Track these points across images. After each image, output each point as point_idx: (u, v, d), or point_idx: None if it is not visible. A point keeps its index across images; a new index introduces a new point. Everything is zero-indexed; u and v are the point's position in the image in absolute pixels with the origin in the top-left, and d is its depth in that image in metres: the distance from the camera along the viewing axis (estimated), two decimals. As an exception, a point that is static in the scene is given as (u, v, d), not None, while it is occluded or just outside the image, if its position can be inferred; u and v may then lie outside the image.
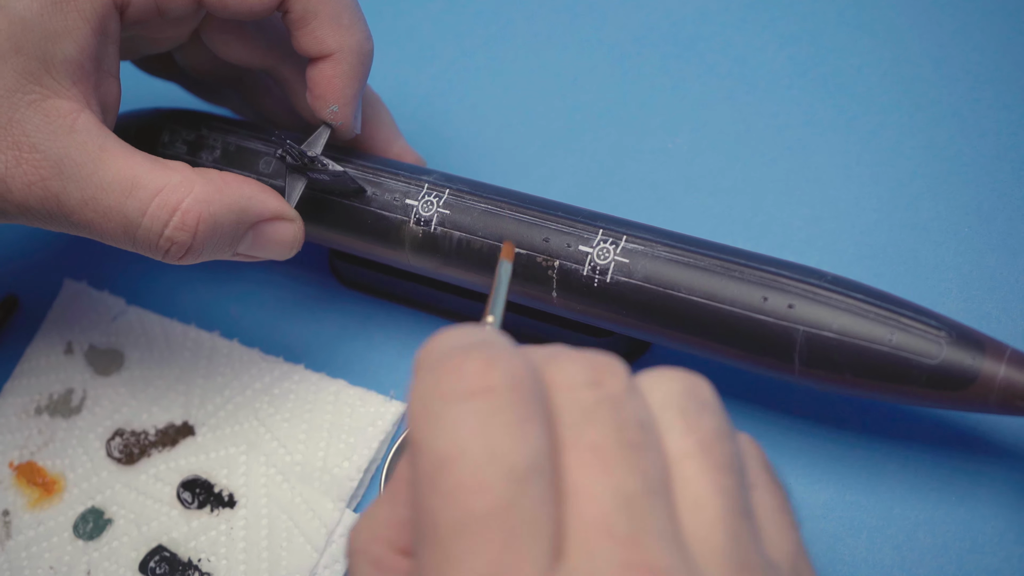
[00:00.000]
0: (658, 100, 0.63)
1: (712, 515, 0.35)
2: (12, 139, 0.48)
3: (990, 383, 0.45)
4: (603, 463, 0.34)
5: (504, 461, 0.33)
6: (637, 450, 0.35)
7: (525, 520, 0.33)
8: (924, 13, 0.62)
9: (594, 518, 0.33)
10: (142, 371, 0.59)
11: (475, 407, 0.34)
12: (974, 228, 0.56)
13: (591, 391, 0.36)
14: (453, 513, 0.33)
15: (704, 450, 0.36)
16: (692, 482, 0.35)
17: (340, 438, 0.55)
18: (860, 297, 0.47)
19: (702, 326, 0.48)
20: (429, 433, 0.34)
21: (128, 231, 0.49)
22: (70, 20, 0.49)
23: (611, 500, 0.34)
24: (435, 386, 0.35)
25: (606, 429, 0.35)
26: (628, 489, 0.34)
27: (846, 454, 0.52)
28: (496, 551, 0.33)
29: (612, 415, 0.35)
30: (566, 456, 0.35)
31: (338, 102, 0.53)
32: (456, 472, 0.33)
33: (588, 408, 0.35)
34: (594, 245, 0.50)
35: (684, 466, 0.36)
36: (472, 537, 0.33)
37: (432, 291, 0.57)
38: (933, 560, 0.49)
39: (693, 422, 0.36)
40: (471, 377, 0.34)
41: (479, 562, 0.33)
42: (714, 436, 0.36)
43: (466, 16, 0.67)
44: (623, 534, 0.33)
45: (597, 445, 0.34)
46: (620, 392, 0.36)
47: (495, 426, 0.34)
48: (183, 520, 0.55)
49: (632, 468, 0.34)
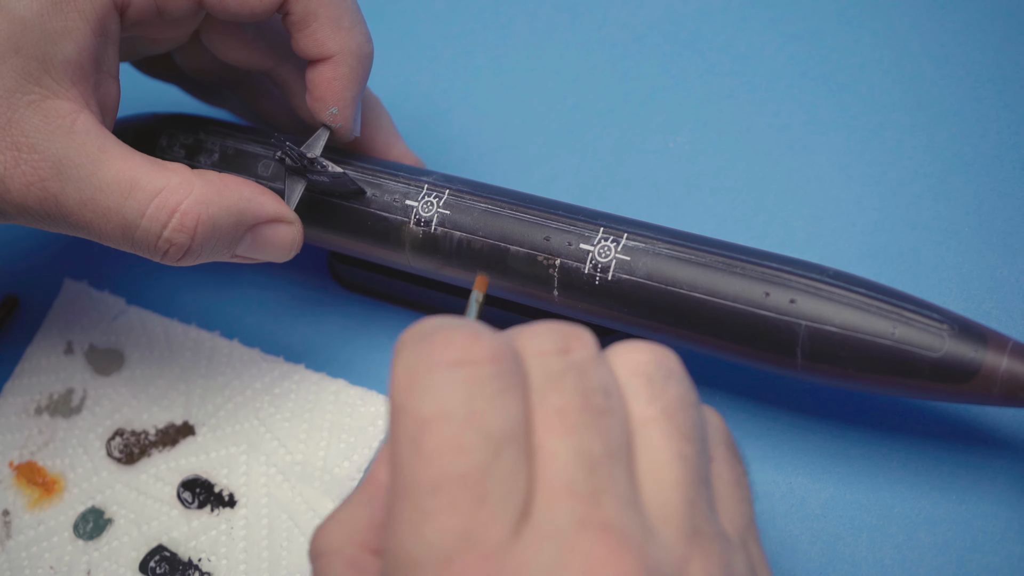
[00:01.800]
0: (659, 99, 0.63)
1: (671, 480, 0.37)
2: (11, 139, 0.48)
3: (993, 375, 0.45)
4: (567, 425, 0.36)
5: (483, 427, 0.35)
6: (600, 414, 0.36)
7: (498, 483, 0.35)
8: (925, 13, 0.62)
9: (556, 477, 0.35)
10: (142, 371, 0.59)
11: (461, 374, 0.36)
12: (975, 227, 0.56)
13: (559, 358, 0.37)
14: (430, 472, 0.35)
15: (668, 417, 0.38)
16: (653, 448, 0.37)
17: (340, 438, 0.55)
18: (862, 291, 0.47)
19: (704, 323, 0.48)
20: (413, 397, 0.36)
21: (127, 232, 0.49)
22: (70, 20, 0.49)
23: (573, 460, 0.35)
24: (424, 355, 0.36)
25: (571, 394, 0.36)
26: (590, 450, 0.36)
27: (847, 452, 0.52)
28: (468, 510, 0.34)
29: (577, 380, 0.37)
30: (534, 419, 0.36)
31: (338, 104, 0.53)
32: (437, 433, 0.35)
33: (555, 373, 0.37)
34: (595, 243, 0.50)
35: (647, 431, 0.37)
36: (447, 496, 0.34)
37: (431, 292, 0.57)
38: (934, 559, 0.49)
39: (658, 390, 0.38)
40: (458, 348, 0.36)
41: (452, 520, 0.34)
42: (678, 404, 0.38)
43: (466, 16, 0.67)
44: (583, 493, 0.35)
45: (562, 408, 0.36)
46: (587, 359, 0.38)
47: (478, 394, 0.35)
48: (183, 520, 0.55)
49: (595, 431, 0.36)
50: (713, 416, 0.41)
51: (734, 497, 0.39)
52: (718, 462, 0.40)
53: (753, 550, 0.39)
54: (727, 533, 0.38)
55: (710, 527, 0.37)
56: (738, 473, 0.40)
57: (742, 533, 0.39)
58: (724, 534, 0.37)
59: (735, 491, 0.40)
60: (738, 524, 0.39)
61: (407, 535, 0.35)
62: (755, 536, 0.40)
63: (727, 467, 0.40)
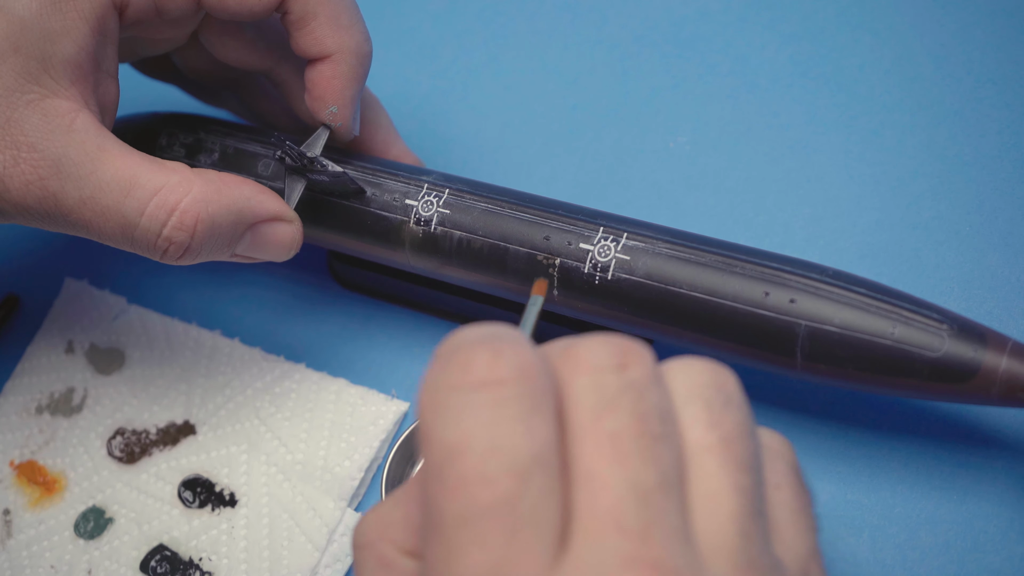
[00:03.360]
0: (659, 99, 0.63)
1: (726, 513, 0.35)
2: (10, 138, 0.48)
3: (992, 375, 0.45)
4: (619, 453, 0.34)
5: (508, 454, 0.34)
6: (656, 441, 0.35)
7: (529, 513, 0.33)
8: (925, 12, 0.62)
9: (604, 509, 0.33)
10: (143, 370, 0.59)
11: (481, 399, 0.34)
12: (975, 227, 0.56)
13: (615, 376, 0.35)
14: (457, 505, 0.33)
15: (725, 446, 0.36)
16: (709, 478, 0.35)
17: (341, 437, 0.55)
18: (862, 291, 0.47)
19: (704, 322, 0.48)
20: (436, 423, 0.35)
21: (126, 231, 0.49)
22: (69, 20, 0.49)
23: (624, 492, 0.34)
24: (444, 377, 0.35)
25: (626, 418, 0.35)
26: (643, 482, 0.34)
27: (847, 452, 0.52)
28: (499, 544, 0.33)
29: (634, 403, 0.35)
30: (583, 442, 0.34)
31: (337, 103, 0.53)
32: (461, 464, 0.34)
33: (610, 394, 0.35)
34: (595, 243, 0.50)
35: (703, 460, 0.35)
36: (476, 530, 0.33)
37: (431, 291, 0.57)
38: (935, 559, 0.49)
39: (717, 416, 0.36)
40: (478, 369, 0.35)
41: (482, 555, 0.33)
42: (736, 433, 0.36)
43: (466, 16, 0.67)
44: (632, 528, 0.33)
45: (616, 433, 0.34)
46: (644, 378, 0.36)
47: (500, 418, 0.34)
48: (184, 519, 0.55)
49: (649, 460, 0.34)
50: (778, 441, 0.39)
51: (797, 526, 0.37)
52: (783, 489, 0.38)
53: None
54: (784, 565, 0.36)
55: (766, 560, 0.35)
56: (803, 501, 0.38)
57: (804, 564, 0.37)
58: (780, 566, 0.36)
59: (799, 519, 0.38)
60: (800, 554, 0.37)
61: (440, 567, 0.34)
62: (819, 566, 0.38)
63: (791, 494, 0.38)
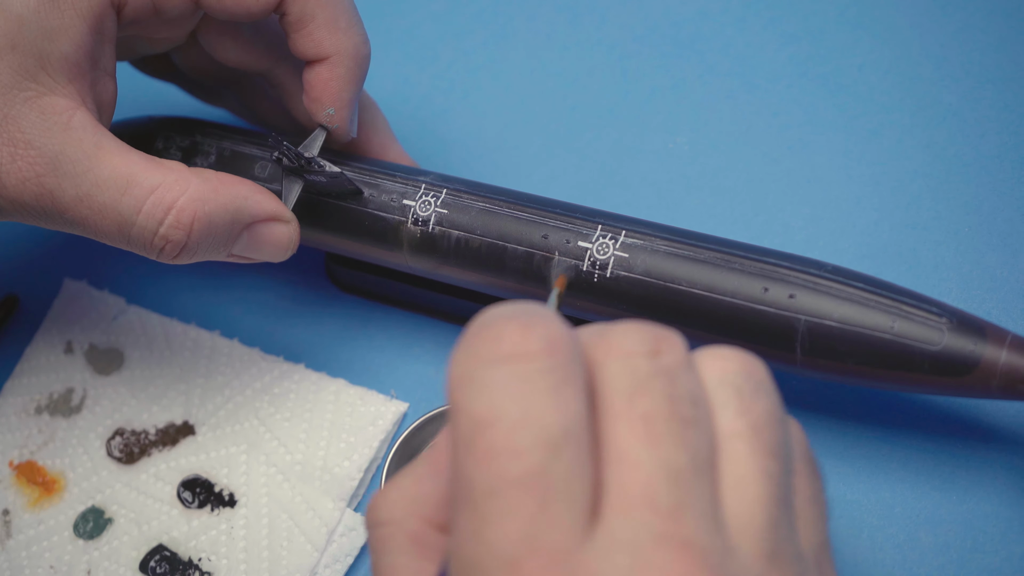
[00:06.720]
0: (659, 100, 0.63)
1: (754, 498, 0.35)
2: (7, 135, 0.48)
3: (992, 368, 0.45)
4: (652, 434, 0.35)
5: (538, 425, 0.34)
6: (687, 425, 0.35)
7: (559, 485, 0.33)
8: (924, 13, 0.62)
9: (637, 487, 0.34)
10: (142, 370, 0.59)
11: (511, 371, 0.34)
12: (974, 227, 0.56)
13: (648, 360, 0.36)
14: (488, 477, 0.34)
15: (755, 432, 0.36)
16: (739, 463, 0.36)
17: (340, 437, 0.55)
18: (861, 286, 0.47)
19: (703, 318, 0.48)
20: (466, 396, 0.35)
21: (123, 229, 0.49)
22: (66, 18, 0.49)
23: (656, 471, 0.34)
24: (474, 350, 0.35)
25: (659, 400, 0.35)
26: (674, 463, 0.34)
27: (847, 452, 0.52)
28: (529, 515, 0.33)
29: (666, 387, 0.35)
30: (615, 422, 0.35)
31: (335, 105, 0.53)
32: (491, 436, 0.34)
33: (643, 377, 0.35)
34: (593, 240, 0.50)
35: (733, 446, 0.36)
36: (506, 501, 0.33)
37: (428, 293, 0.57)
38: (935, 559, 0.49)
39: (747, 403, 0.37)
40: (508, 342, 0.35)
41: (513, 525, 0.33)
42: (766, 419, 0.37)
43: (466, 16, 0.67)
44: (664, 506, 0.34)
45: (649, 415, 0.35)
46: (676, 364, 0.36)
47: (530, 390, 0.34)
48: (183, 519, 0.55)
49: (681, 442, 0.35)
50: (795, 429, 0.39)
51: (811, 515, 0.38)
52: (799, 477, 0.38)
53: (826, 570, 0.38)
54: (804, 553, 0.36)
55: (790, 548, 0.35)
56: (816, 489, 0.38)
57: (817, 553, 0.37)
58: (802, 555, 0.36)
59: (812, 508, 0.38)
60: (814, 543, 0.37)
61: (469, 538, 0.34)
62: (828, 556, 0.38)
63: (805, 482, 0.38)
